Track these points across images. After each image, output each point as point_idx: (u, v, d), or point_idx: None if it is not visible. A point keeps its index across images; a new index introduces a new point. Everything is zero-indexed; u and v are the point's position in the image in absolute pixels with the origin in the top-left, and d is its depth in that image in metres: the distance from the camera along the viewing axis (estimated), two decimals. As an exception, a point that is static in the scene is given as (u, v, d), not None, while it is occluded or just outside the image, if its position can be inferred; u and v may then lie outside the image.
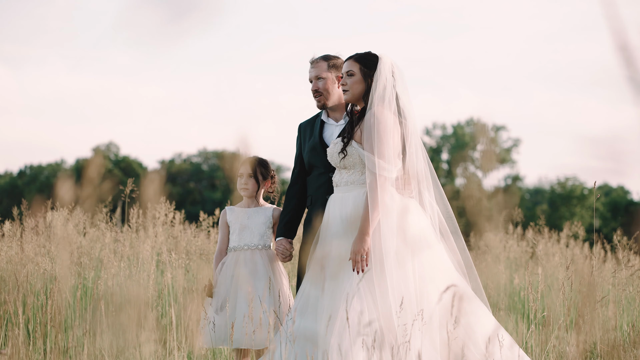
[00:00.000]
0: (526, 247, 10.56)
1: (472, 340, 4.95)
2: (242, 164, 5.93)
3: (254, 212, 5.87)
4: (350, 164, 5.28)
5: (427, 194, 5.32)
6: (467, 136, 55.56)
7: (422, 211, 5.28)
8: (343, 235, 5.18)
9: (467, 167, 56.70)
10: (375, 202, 5.05)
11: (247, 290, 5.61)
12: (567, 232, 10.55)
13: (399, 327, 4.83)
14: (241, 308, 5.59)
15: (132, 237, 9.23)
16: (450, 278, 5.12)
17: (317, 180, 5.67)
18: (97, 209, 10.14)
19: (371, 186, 5.08)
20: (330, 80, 5.70)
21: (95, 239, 9.46)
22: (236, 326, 5.51)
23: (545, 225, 10.92)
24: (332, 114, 5.75)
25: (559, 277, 7.78)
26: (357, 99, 5.37)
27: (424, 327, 4.87)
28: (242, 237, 5.81)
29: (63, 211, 8.77)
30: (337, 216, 5.27)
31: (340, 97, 5.69)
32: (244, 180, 5.91)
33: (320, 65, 5.72)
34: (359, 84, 5.33)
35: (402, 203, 5.17)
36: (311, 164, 5.72)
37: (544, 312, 6.60)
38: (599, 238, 10.15)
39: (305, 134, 5.82)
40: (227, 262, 5.79)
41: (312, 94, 5.74)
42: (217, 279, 5.77)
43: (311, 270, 5.26)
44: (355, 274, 5.00)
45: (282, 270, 5.84)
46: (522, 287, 8.41)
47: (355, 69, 5.33)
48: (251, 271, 5.71)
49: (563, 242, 10.43)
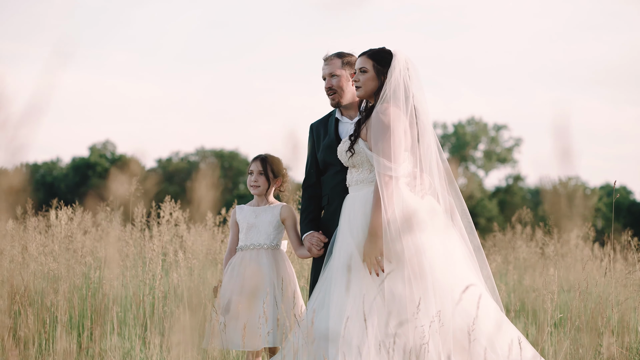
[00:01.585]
0: (535, 247, 10.45)
1: (489, 342, 4.85)
2: (253, 161, 5.83)
3: (262, 210, 5.76)
4: (358, 163, 5.22)
5: (442, 190, 5.24)
6: (468, 135, 55.51)
7: (437, 209, 5.18)
8: (355, 235, 5.09)
9: (468, 166, 56.66)
10: (380, 202, 4.97)
11: (249, 291, 5.51)
12: (577, 233, 10.46)
13: (418, 328, 4.73)
14: (244, 309, 5.48)
15: (137, 237, 9.12)
16: (466, 278, 5.03)
17: (333, 179, 5.58)
18: (100, 207, 10.04)
19: (377, 186, 5.01)
20: (344, 77, 5.60)
21: (98, 238, 9.35)
22: (239, 328, 5.41)
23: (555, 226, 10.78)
24: (346, 112, 5.66)
25: (570, 278, 7.66)
26: (370, 96, 5.29)
27: (442, 328, 4.77)
28: (249, 236, 5.72)
29: (67, 210, 8.65)
30: (349, 217, 5.20)
31: (353, 95, 5.59)
32: (253, 178, 5.79)
33: (334, 62, 5.63)
34: (372, 81, 5.24)
35: (414, 203, 5.08)
36: (327, 163, 5.62)
37: (561, 314, 6.49)
38: (608, 239, 10.03)
39: (318, 133, 5.72)
40: (234, 262, 5.71)
41: (326, 91, 5.65)
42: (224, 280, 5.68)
43: (327, 271, 5.16)
44: (375, 275, 4.93)
45: (291, 270, 5.74)
46: (534, 288, 8.30)
47: (368, 65, 5.25)
48: (255, 271, 5.61)
49: (573, 243, 10.33)
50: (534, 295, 8.09)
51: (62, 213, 8.25)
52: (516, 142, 55.06)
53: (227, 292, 5.61)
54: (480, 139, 55.60)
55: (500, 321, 4.97)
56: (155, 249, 7.80)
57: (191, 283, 7.99)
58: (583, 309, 6.04)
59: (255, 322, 5.44)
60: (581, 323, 5.96)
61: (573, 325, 5.92)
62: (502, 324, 4.96)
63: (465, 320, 4.81)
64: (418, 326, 4.74)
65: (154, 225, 9.28)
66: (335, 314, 4.93)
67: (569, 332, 5.94)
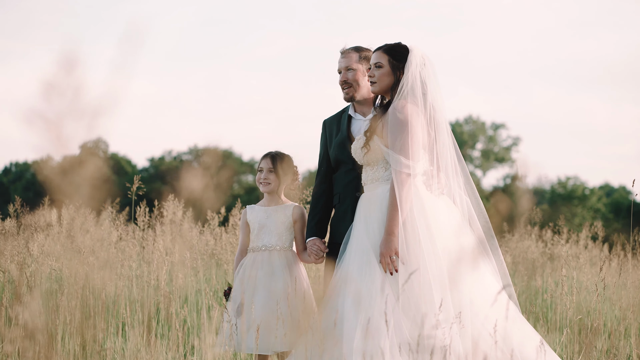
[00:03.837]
0: (544, 248, 10.34)
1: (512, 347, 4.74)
2: (262, 158, 5.70)
3: (273, 210, 5.63)
4: (373, 160, 5.12)
5: (458, 189, 5.16)
6: (465, 134, 55.42)
7: (454, 209, 5.08)
8: (371, 236, 4.98)
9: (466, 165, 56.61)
10: (396, 201, 4.90)
11: (262, 294, 5.38)
12: (587, 233, 10.37)
13: (438, 331, 4.62)
14: (256, 312, 5.35)
15: (139, 236, 9.00)
16: (487, 282, 4.94)
17: (345, 177, 5.49)
18: (103, 207, 9.92)
19: (393, 184, 4.93)
20: (360, 72, 5.52)
21: (101, 239, 9.21)
22: (252, 331, 5.28)
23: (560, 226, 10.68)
24: (359, 108, 5.56)
25: (581, 279, 7.53)
26: (385, 92, 5.21)
27: (462, 330, 4.68)
28: (260, 237, 5.59)
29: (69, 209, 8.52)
30: (365, 217, 5.11)
31: (368, 91, 5.51)
32: (263, 175, 5.66)
33: (351, 55, 5.55)
34: (387, 77, 5.17)
35: (431, 201, 4.97)
36: (338, 161, 5.52)
37: (579, 316, 6.36)
38: (618, 239, 9.92)
39: (331, 130, 5.62)
40: (245, 264, 5.59)
41: (341, 85, 5.56)
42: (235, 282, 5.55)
43: (341, 271, 5.03)
44: (389, 275, 4.86)
45: (303, 272, 5.61)
46: (545, 290, 8.18)
47: (384, 60, 5.17)
48: (267, 273, 5.48)
49: (582, 244, 10.24)
50: (545, 297, 7.96)
51: (65, 212, 8.12)
52: (514, 141, 54.99)
53: (239, 294, 5.48)
54: (477, 138, 55.54)
55: (524, 326, 4.87)
56: (160, 249, 7.67)
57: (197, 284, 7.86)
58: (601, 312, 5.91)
59: (268, 325, 5.31)
60: (600, 325, 5.83)
61: (592, 328, 5.80)
62: (525, 328, 4.87)
63: (486, 325, 4.71)
64: (439, 328, 4.63)
65: (156, 224, 9.16)
66: (350, 317, 4.81)
67: (587, 335, 5.82)
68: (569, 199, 43.73)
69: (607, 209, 42.62)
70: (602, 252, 10.07)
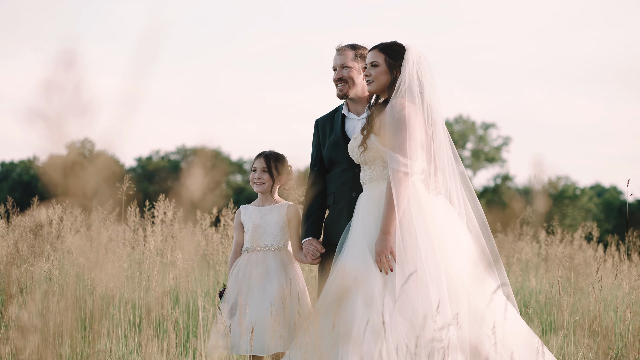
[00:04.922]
0: (539, 249, 10.31)
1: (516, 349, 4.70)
2: (256, 157, 5.64)
3: (267, 210, 5.57)
4: (370, 159, 5.09)
5: (455, 188, 5.11)
6: (455, 134, 55.42)
7: (451, 209, 5.04)
8: (368, 237, 4.93)
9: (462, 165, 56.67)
10: (392, 200, 4.87)
11: (256, 294, 5.32)
12: (581, 234, 10.35)
13: (434, 331, 4.57)
14: (250, 313, 5.28)
15: (130, 237, 8.92)
16: (483, 281, 4.89)
17: (339, 177, 5.44)
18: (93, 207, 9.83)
19: (390, 183, 4.89)
20: (355, 69, 5.49)
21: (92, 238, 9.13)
22: (247, 332, 5.22)
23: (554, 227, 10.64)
24: (353, 107, 5.51)
25: (577, 280, 7.49)
26: (382, 91, 5.18)
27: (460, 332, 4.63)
28: (255, 237, 5.53)
29: (57, 209, 8.42)
30: (362, 217, 5.06)
31: (363, 89, 5.46)
32: (257, 175, 5.60)
33: (346, 53, 5.52)
34: (384, 75, 5.14)
35: (428, 201, 4.93)
36: (333, 160, 5.46)
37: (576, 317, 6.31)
38: (613, 239, 9.92)
39: (324, 130, 5.57)
40: (240, 264, 5.54)
41: (335, 82, 5.53)
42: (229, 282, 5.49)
43: (337, 272, 4.97)
44: (386, 276, 4.81)
45: (299, 272, 5.56)
46: (540, 291, 8.13)
47: (380, 59, 5.15)
48: (262, 274, 5.42)
49: (577, 244, 10.22)
50: (541, 298, 7.92)
51: (54, 212, 8.03)
52: (505, 141, 55.03)
53: (233, 295, 5.42)
54: (468, 138, 55.58)
55: (523, 327, 4.83)
56: (151, 249, 7.58)
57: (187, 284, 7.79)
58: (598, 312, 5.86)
59: (262, 326, 5.24)
60: (597, 326, 5.78)
61: (589, 329, 5.75)
62: (523, 329, 4.82)
63: (482, 325, 4.66)
64: (436, 329, 4.57)
65: (147, 224, 9.07)
66: (347, 317, 4.75)
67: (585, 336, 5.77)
68: (560, 199, 43.81)
69: (598, 209, 42.71)
70: (597, 253, 10.05)
